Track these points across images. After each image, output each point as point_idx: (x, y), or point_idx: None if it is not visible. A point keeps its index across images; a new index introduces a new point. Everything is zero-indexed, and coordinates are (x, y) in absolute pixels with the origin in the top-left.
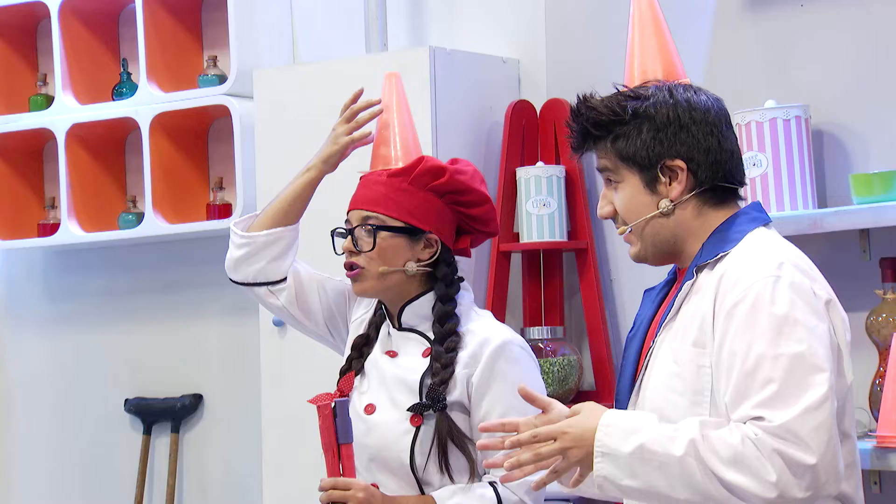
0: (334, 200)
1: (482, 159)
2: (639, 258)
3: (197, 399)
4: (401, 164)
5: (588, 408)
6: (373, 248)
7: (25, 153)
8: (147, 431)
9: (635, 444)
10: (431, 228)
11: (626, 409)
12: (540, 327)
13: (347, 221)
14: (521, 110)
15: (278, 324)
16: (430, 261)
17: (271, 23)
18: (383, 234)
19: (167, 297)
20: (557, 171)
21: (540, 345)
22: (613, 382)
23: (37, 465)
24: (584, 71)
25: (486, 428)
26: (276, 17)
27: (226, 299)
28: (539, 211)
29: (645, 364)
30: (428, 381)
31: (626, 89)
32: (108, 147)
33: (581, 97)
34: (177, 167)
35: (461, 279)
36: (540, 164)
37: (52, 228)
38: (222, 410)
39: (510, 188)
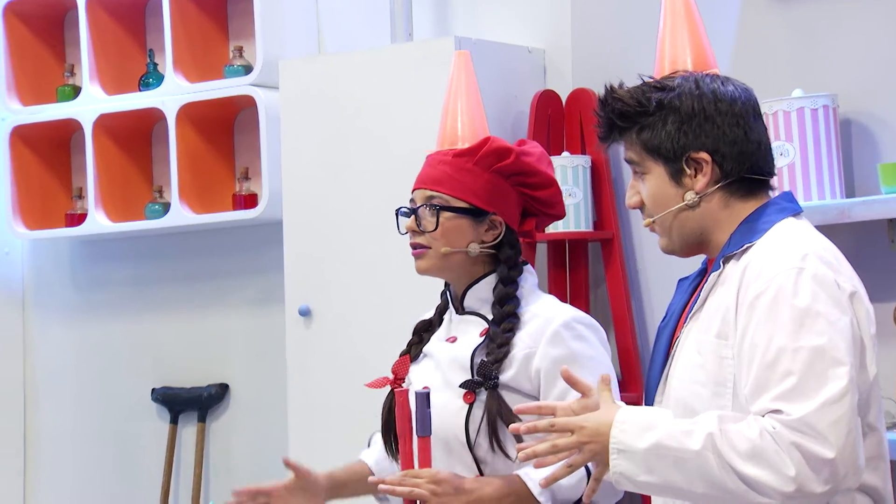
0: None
1: None
2: (667, 249)
3: (223, 388)
4: (467, 144)
5: (607, 403)
6: (436, 228)
7: (53, 144)
8: (174, 421)
9: (651, 440)
10: (496, 210)
11: (654, 398)
12: None
13: (412, 201)
14: (546, 100)
15: (304, 313)
16: (494, 242)
17: (297, 13)
18: (447, 214)
19: (193, 287)
20: (583, 160)
21: None
22: (639, 372)
23: (64, 455)
24: (610, 60)
25: (521, 410)
26: (301, 7)
27: (251, 289)
28: (565, 201)
29: (672, 354)
30: (480, 359)
31: (652, 80)
32: (134, 137)
33: (608, 88)
34: (203, 157)
35: (525, 262)
36: (565, 153)
37: (80, 218)
38: (248, 400)
39: None
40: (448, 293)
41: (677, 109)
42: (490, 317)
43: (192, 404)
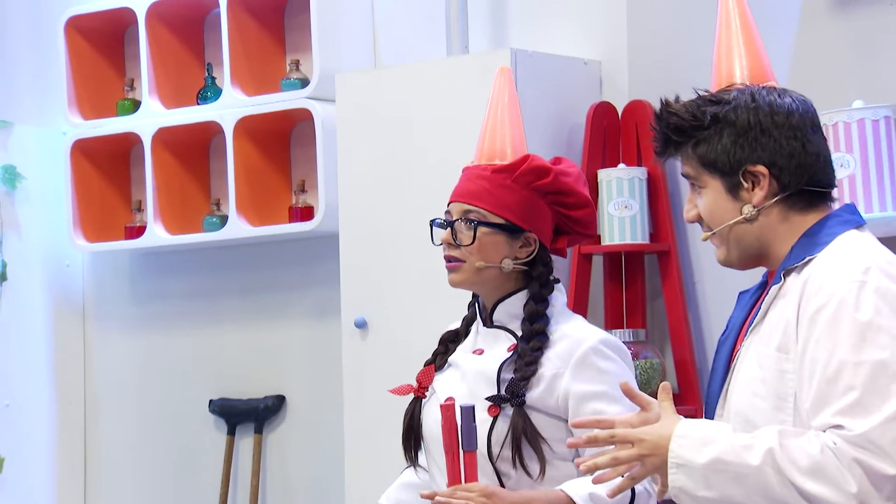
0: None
1: None
2: (725, 262)
3: (280, 400)
4: (506, 161)
5: (667, 413)
6: (472, 243)
7: (113, 157)
8: (231, 432)
9: (710, 455)
10: (531, 228)
11: (714, 411)
12: (622, 330)
13: (448, 213)
14: (602, 112)
15: (360, 325)
16: (527, 259)
17: (353, 26)
18: (483, 229)
19: (250, 299)
20: (639, 172)
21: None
22: (696, 386)
23: (123, 466)
24: (667, 72)
25: (578, 424)
26: (357, 20)
27: (308, 301)
28: (621, 213)
29: (732, 368)
30: (507, 376)
31: (707, 94)
32: (192, 151)
33: (663, 102)
34: (260, 170)
35: (556, 280)
36: (622, 165)
37: (139, 231)
38: (305, 411)
39: (592, 190)
40: (477, 305)
41: (733, 123)
42: (519, 332)
43: (249, 416)
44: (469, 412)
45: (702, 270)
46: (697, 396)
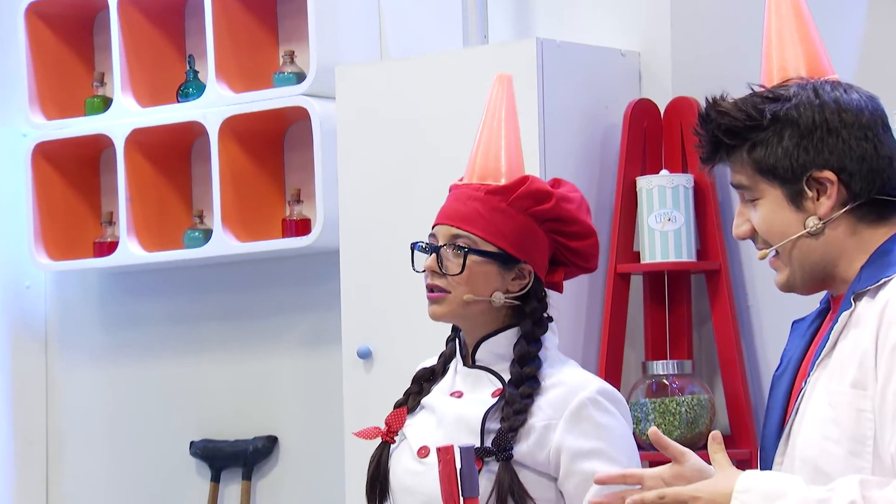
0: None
1: (597, 167)
2: (786, 286)
3: (271, 441)
4: (502, 181)
5: (721, 466)
6: (461, 272)
7: (80, 162)
8: (215, 478)
9: None
10: (526, 258)
11: (772, 458)
12: (665, 361)
13: (433, 236)
14: (642, 110)
15: (364, 355)
16: (520, 293)
17: (356, 13)
18: (474, 257)
19: (238, 325)
20: (685, 180)
21: (665, 381)
22: (751, 426)
23: None
24: (716, 65)
25: (603, 480)
26: (361, 6)
27: (304, 327)
28: (663, 226)
29: (795, 408)
30: (493, 425)
31: (762, 89)
32: (172, 155)
33: (710, 100)
34: (249, 178)
35: (550, 318)
36: (664, 172)
37: (110, 247)
38: (300, 454)
39: (629, 200)
40: (458, 341)
41: (795, 122)
42: (505, 376)
43: (236, 459)
44: (469, 453)
45: (756, 292)
46: (752, 439)
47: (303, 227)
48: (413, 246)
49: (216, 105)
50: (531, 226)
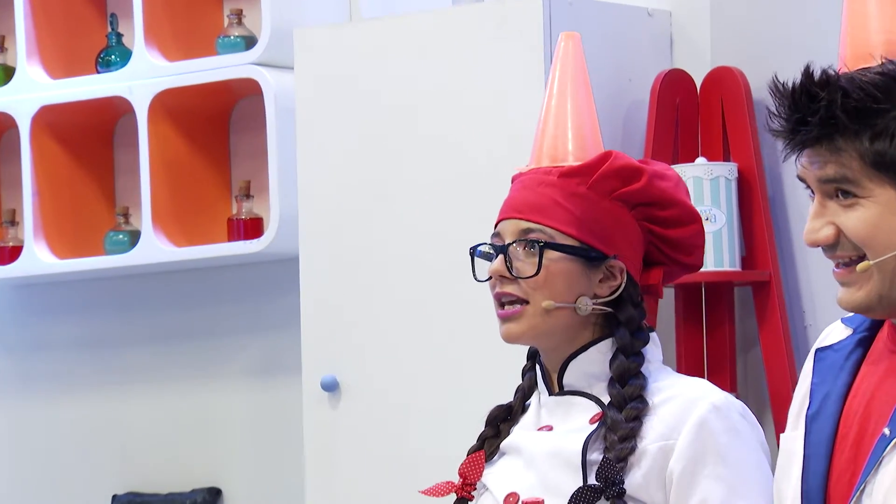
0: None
1: None
2: (862, 306)
3: (213, 495)
4: (576, 161)
5: None
6: (537, 273)
7: None
8: None
9: None
10: (617, 253)
11: None
12: None
13: (497, 235)
14: (674, 84)
15: (329, 387)
16: (611, 297)
17: None
18: (553, 254)
19: (172, 350)
20: (726, 170)
21: None
22: None
23: None
24: (765, 27)
25: None
26: None
27: (254, 351)
28: None
29: (878, 467)
30: (595, 456)
31: (886, 61)
32: (90, 139)
33: (827, 72)
34: (186, 167)
35: (650, 328)
36: (700, 160)
37: (12, 254)
38: None
39: None
40: (538, 367)
41: None
42: (603, 398)
43: None
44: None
45: (815, 308)
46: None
47: (253, 228)
48: (473, 251)
49: (145, 76)
50: (619, 212)
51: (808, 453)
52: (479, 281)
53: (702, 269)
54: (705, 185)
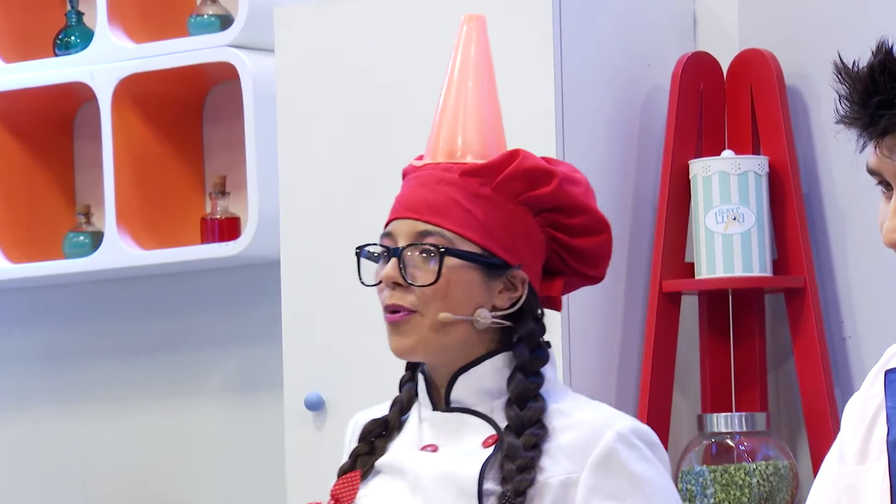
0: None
1: (634, 145)
2: None
3: None
4: (479, 158)
5: None
6: (435, 282)
7: None
8: None
9: None
10: (521, 262)
11: None
12: (728, 414)
13: (388, 236)
14: (697, 68)
15: (313, 405)
16: (511, 310)
17: None
18: (452, 261)
19: (139, 365)
20: (756, 164)
21: (729, 441)
22: None
23: None
24: (799, 5)
25: None
26: None
27: (230, 365)
28: (727, 228)
29: None
30: (493, 486)
31: None
32: (47, 129)
33: None
34: (154, 161)
35: (548, 343)
36: (727, 153)
37: None
38: None
39: (679, 191)
40: (422, 379)
41: None
42: (496, 418)
43: None
44: None
45: (855, 319)
46: None
47: (229, 228)
48: (359, 251)
49: (108, 60)
50: (523, 217)
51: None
52: (365, 285)
53: (729, 274)
54: (732, 180)
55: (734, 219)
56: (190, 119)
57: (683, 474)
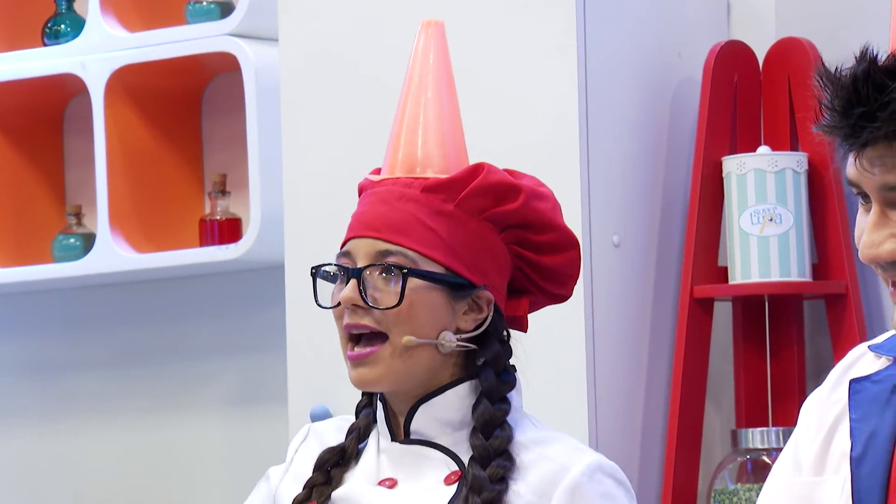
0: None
1: (663, 141)
2: None
3: None
4: (441, 173)
5: None
6: (399, 304)
7: None
8: None
9: None
10: (486, 282)
11: None
12: (764, 429)
13: (346, 255)
14: (731, 59)
15: (320, 419)
16: (475, 333)
17: None
18: (415, 283)
19: (134, 375)
20: (794, 161)
21: (766, 458)
22: None
23: None
24: None
25: None
26: None
27: (231, 377)
28: (763, 230)
29: None
30: None
31: None
32: (35, 124)
33: None
34: (150, 158)
35: (513, 367)
36: (764, 149)
37: None
38: None
39: (712, 190)
40: (381, 408)
41: None
42: (458, 451)
43: None
44: None
45: None
46: None
47: (230, 230)
48: (315, 272)
49: (101, 50)
50: (488, 235)
51: (857, 499)
52: (322, 307)
53: (765, 279)
54: (769, 178)
55: (771, 220)
56: (188, 113)
57: (716, 493)
